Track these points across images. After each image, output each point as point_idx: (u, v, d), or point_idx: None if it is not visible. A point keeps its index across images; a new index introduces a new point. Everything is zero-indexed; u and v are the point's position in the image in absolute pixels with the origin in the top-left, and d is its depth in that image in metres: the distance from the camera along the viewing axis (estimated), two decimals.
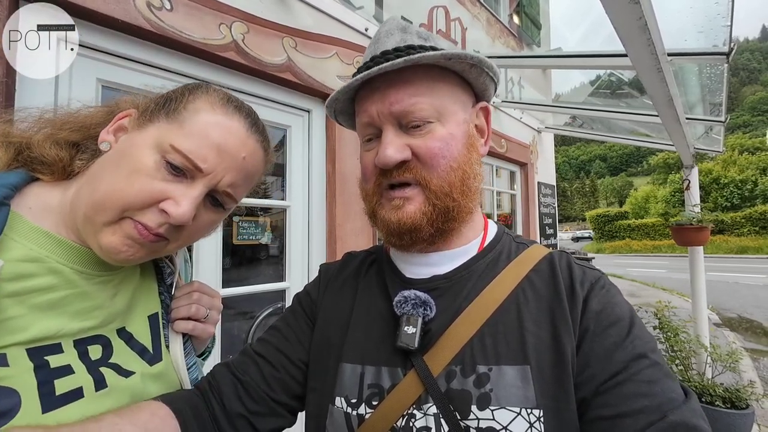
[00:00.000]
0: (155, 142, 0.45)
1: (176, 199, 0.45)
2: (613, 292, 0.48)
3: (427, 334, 0.48)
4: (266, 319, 1.73)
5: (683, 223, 2.79)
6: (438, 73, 0.50)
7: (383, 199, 0.52)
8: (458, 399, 0.43)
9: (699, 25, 1.38)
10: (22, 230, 0.43)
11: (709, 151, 3.09)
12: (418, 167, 0.49)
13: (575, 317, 0.45)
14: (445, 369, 0.45)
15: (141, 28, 1.20)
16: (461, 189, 0.50)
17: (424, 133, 0.48)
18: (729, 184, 29.80)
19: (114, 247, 0.44)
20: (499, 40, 3.57)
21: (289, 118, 1.75)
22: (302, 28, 1.70)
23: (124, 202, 0.43)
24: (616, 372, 0.40)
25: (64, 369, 0.42)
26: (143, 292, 0.56)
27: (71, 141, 0.49)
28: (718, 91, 2.03)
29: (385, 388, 0.47)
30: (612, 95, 3.09)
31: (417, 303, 0.48)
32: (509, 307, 0.47)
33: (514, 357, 0.43)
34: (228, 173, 0.48)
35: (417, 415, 0.44)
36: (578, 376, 0.42)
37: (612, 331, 0.43)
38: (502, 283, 0.49)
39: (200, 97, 0.49)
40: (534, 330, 0.45)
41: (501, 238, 0.56)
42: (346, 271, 0.63)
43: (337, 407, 0.49)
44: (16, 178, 0.45)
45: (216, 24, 1.39)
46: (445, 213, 0.49)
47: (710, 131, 2.85)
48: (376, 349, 0.50)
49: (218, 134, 0.47)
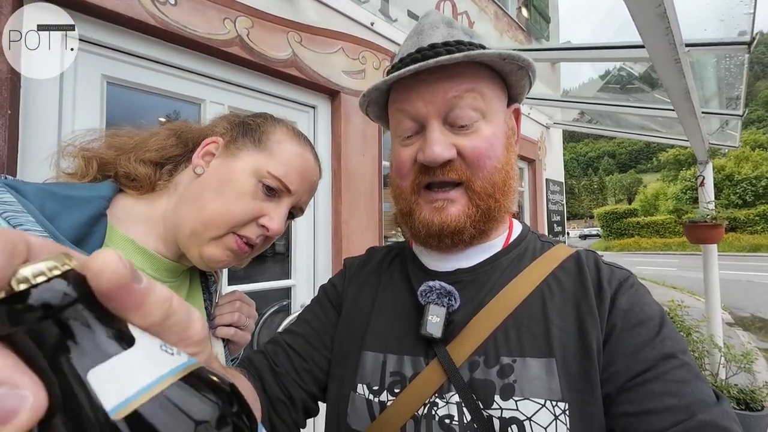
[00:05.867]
0: (253, 169, 0.54)
1: (271, 215, 0.54)
2: (642, 291, 0.47)
3: (451, 324, 0.48)
4: (272, 317, 1.72)
5: (697, 220, 2.73)
6: (485, 71, 0.49)
7: (421, 198, 0.51)
8: (481, 388, 0.43)
9: (720, 13, 1.32)
10: (114, 238, 0.49)
11: (724, 147, 3.01)
12: (462, 167, 0.48)
13: (602, 313, 0.44)
14: (468, 359, 0.45)
15: (145, 23, 1.19)
16: (503, 190, 0.50)
17: (470, 132, 0.48)
18: (742, 181, 29.20)
19: (216, 258, 0.52)
20: (507, 34, 3.50)
21: (294, 114, 1.73)
22: (307, 22, 1.68)
23: (235, 221, 0.52)
24: (643, 370, 0.39)
25: None
26: (191, 299, 0.61)
27: (153, 160, 0.56)
28: (736, 84, 1.96)
29: (407, 377, 0.47)
30: (622, 90, 3.02)
31: (442, 293, 0.48)
32: (534, 301, 0.47)
33: (538, 349, 0.43)
34: (306, 194, 0.60)
35: (439, 404, 0.44)
36: (603, 372, 0.41)
37: (641, 329, 0.42)
38: (526, 279, 0.49)
39: (277, 128, 0.59)
40: (559, 323, 0.44)
41: (526, 236, 0.56)
42: (369, 264, 0.64)
43: (359, 394, 0.49)
44: (108, 190, 0.51)
45: (220, 19, 1.38)
46: (488, 214, 0.49)
47: (725, 126, 2.77)
48: (399, 338, 0.51)
49: (301, 162, 0.58)
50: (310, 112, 1.80)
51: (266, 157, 0.55)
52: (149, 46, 1.27)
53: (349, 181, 1.82)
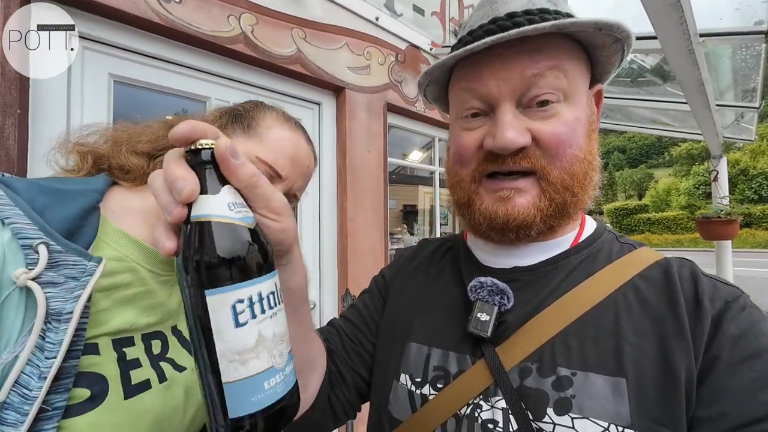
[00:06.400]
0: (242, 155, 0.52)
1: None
2: (757, 316, 0.38)
3: (502, 325, 0.44)
4: None
5: (710, 216, 2.67)
6: (570, 45, 0.43)
7: (482, 188, 0.46)
8: (532, 398, 0.39)
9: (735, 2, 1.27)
10: (108, 231, 0.48)
11: (739, 140, 2.93)
12: (537, 155, 0.42)
13: (699, 336, 0.37)
14: (519, 365, 0.41)
15: (150, 21, 1.20)
16: (583, 183, 0.44)
17: (549, 116, 0.42)
18: (758, 176, 28.47)
19: None
20: None
21: (299, 111, 1.73)
22: (312, 18, 1.67)
23: None
24: (759, 418, 0.33)
25: (136, 361, 0.46)
26: None
27: (145, 151, 0.55)
28: (753, 75, 1.90)
29: (451, 373, 0.45)
30: (633, 83, 2.95)
31: (494, 290, 0.45)
32: (604, 311, 0.41)
33: (604, 366, 0.38)
34: (299, 180, 0.59)
35: (483, 406, 0.42)
36: (700, 409, 0.35)
37: (755, 364, 0.35)
38: (598, 284, 0.43)
39: (267, 114, 0.59)
40: (634, 340, 0.38)
41: (601, 235, 0.49)
42: (419, 256, 0.62)
43: (401, 383, 0.48)
44: (101, 183, 0.50)
45: (225, 16, 1.38)
46: (562, 209, 0.43)
47: (740, 119, 2.70)
48: (445, 333, 0.49)
49: (291, 147, 0.57)
50: (315, 108, 1.80)
51: (255, 143, 0.55)
52: (155, 44, 1.27)
53: (354, 177, 1.82)
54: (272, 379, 0.29)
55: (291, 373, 0.31)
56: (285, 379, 0.30)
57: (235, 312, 0.28)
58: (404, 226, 2.92)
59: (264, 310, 0.29)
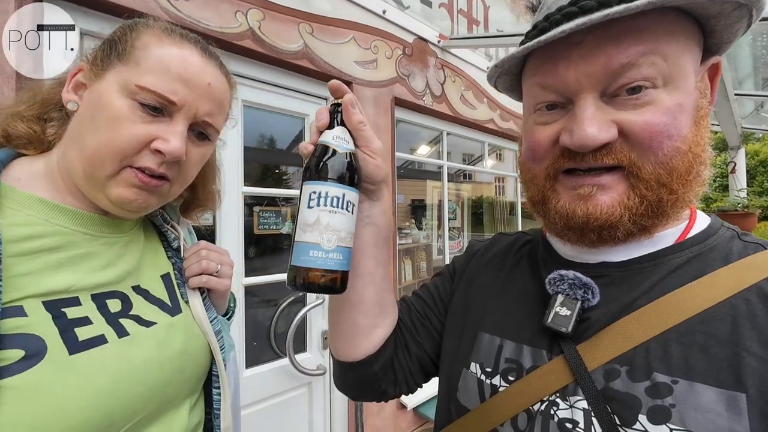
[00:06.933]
0: (120, 86, 0.46)
1: (164, 137, 0.47)
2: None
3: (585, 322, 0.41)
4: (289, 307, 1.76)
5: (727, 209, 2.60)
6: (671, 17, 0.35)
7: (558, 184, 0.42)
8: (620, 402, 0.36)
9: None
10: (17, 199, 0.45)
11: (758, 131, 2.84)
12: (625, 150, 0.37)
13: None
14: (605, 365, 0.38)
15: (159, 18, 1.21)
16: (686, 179, 0.37)
17: (641, 104, 0.36)
18: None
19: (126, 197, 0.48)
20: (524, 17, 3.37)
21: (306, 106, 1.73)
22: (319, 12, 1.66)
23: (117, 150, 0.46)
24: None
25: (83, 320, 0.45)
26: (151, 255, 0.59)
27: (33, 115, 0.52)
28: None
29: (525, 367, 0.43)
30: None
31: (575, 284, 0.41)
32: (720, 318, 0.36)
33: (716, 377, 0.34)
34: (201, 103, 0.50)
35: (561, 405, 0.39)
36: None
37: None
38: (710, 286, 0.37)
39: (144, 32, 0.49)
40: (760, 352, 0.33)
41: (716, 231, 0.42)
42: (494, 248, 0.60)
43: (471, 372, 0.48)
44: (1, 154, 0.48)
45: (232, 12, 1.38)
46: (657, 207, 0.38)
47: (760, 109, 2.61)
48: (518, 326, 0.47)
49: (176, 64, 0.48)
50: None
51: (132, 70, 0.46)
52: None
53: None
54: (315, 252, 0.41)
55: (335, 261, 0.42)
56: (327, 259, 0.42)
57: (309, 198, 0.42)
58: (412, 221, 2.92)
59: (326, 204, 0.42)
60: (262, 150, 1.80)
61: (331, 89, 0.48)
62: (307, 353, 1.72)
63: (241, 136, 1.50)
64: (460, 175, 3.30)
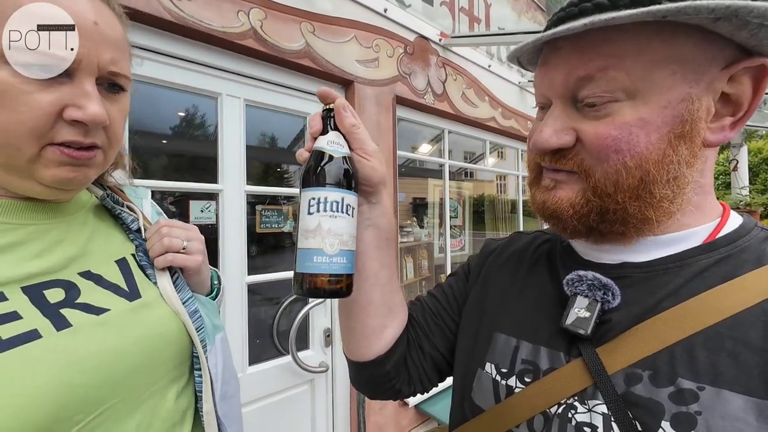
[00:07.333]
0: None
1: (75, 103, 0.40)
2: None
3: (605, 324, 0.40)
4: (291, 305, 1.77)
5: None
6: (665, 28, 0.34)
7: (536, 174, 0.46)
8: (642, 408, 0.35)
9: None
10: None
11: (761, 128, 2.83)
12: (581, 155, 0.39)
13: None
14: (626, 369, 0.37)
15: (162, 18, 1.21)
16: (635, 194, 0.37)
17: (601, 115, 0.37)
18: None
19: (60, 177, 0.43)
20: (526, 15, 3.36)
21: (308, 105, 1.73)
22: (320, 12, 1.66)
23: (24, 131, 0.39)
24: None
25: (9, 316, 0.41)
26: (102, 239, 0.55)
27: None
28: None
29: (541, 369, 0.43)
30: None
31: (595, 285, 0.41)
32: (749, 323, 0.34)
33: (746, 384, 0.32)
34: (94, 47, 0.42)
35: (579, 408, 0.39)
36: None
37: None
38: (740, 290, 0.36)
39: None
40: None
41: (748, 232, 0.41)
42: (512, 247, 0.59)
43: (486, 372, 0.48)
44: None
45: (234, 11, 1.38)
46: (601, 214, 0.39)
47: (762, 106, 2.60)
48: (535, 327, 0.46)
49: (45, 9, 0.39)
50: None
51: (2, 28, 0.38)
52: (166, 41, 1.29)
53: None
54: (319, 257, 0.42)
55: (339, 264, 0.43)
56: (331, 264, 0.42)
57: (308, 204, 0.43)
58: (414, 219, 2.92)
59: (326, 209, 0.42)
60: (264, 149, 1.81)
61: (320, 96, 0.47)
62: (310, 351, 1.73)
63: (243, 135, 1.51)
64: (461, 173, 3.30)
